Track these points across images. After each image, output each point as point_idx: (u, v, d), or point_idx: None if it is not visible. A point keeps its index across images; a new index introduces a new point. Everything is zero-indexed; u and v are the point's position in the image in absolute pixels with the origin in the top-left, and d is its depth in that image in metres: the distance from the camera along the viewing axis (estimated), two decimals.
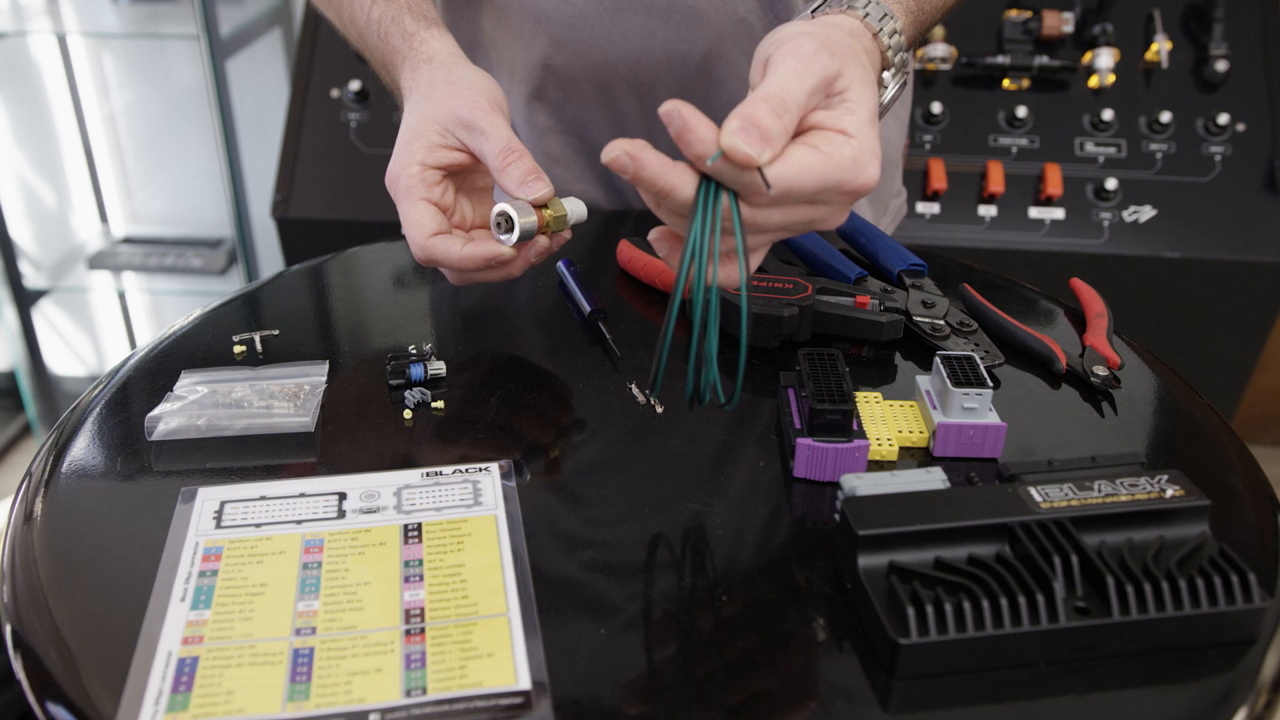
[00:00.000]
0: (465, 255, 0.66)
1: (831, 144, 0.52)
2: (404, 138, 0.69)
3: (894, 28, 0.62)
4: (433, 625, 0.49)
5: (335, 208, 1.57)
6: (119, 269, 2.08)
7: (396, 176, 0.68)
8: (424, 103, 0.70)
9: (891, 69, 0.62)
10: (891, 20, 0.62)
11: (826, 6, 0.63)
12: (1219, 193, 1.50)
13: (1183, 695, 0.46)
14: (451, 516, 0.56)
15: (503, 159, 0.66)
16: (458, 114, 0.67)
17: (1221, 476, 0.60)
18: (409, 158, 0.68)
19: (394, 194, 0.69)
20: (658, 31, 0.85)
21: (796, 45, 0.53)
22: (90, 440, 0.63)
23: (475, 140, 0.67)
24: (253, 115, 2.02)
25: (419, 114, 0.69)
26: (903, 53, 0.63)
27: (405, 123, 0.70)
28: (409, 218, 0.67)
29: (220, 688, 0.45)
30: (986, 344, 0.71)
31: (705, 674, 0.47)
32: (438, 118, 0.68)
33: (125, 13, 1.91)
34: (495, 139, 0.66)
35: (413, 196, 0.67)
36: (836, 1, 0.63)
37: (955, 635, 0.46)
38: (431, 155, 0.68)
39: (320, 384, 0.67)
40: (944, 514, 0.50)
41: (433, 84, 0.70)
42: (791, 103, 0.50)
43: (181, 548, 0.53)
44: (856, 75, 0.54)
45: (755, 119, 0.48)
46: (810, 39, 0.53)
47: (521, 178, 0.65)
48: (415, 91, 0.72)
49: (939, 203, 1.54)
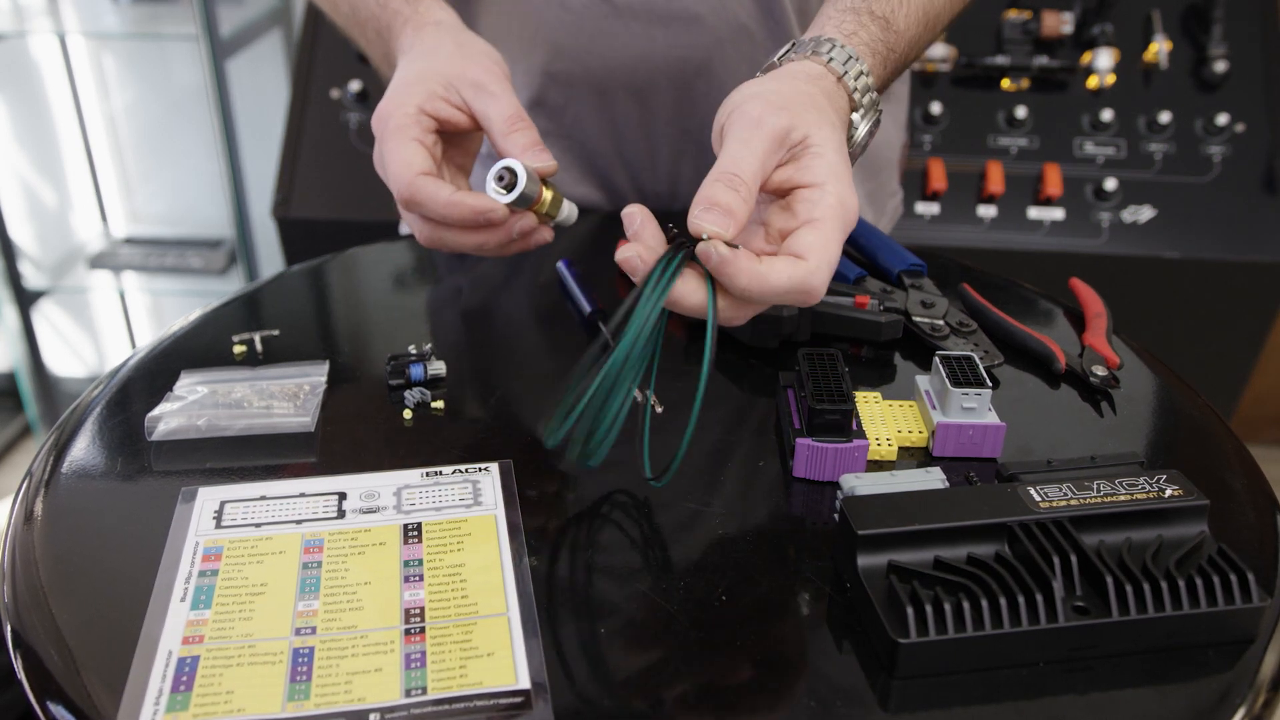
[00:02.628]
0: (452, 201, 0.62)
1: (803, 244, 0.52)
2: (402, 80, 0.65)
3: (860, 69, 0.62)
4: (433, 625, 0.49)
5: (335, 208, 1.57)
6: (119, 269, 2.08)
7: (389, 114, 0.64)
8: (429, 56, 0.67)
9: (860, 109, 0.62)
10: (857, 63, 0.62)
11: (792, 53, 0.63)
12: (1218, 193, 1.50)
13: (1182, 695, 0.46)
14: (451, 516, 0.56)
15: (511, 123, 0.64)
16: (467, 73, 0.65)
17: (1220, 476, 0.60)
18: (406, 98, 0.64)
19: (381, 131, 0.65)
20: (658, 38, 0.85)
21: (744, 112, 0.55)
22: (90, 440, 0.63)
23: (481, 101, 0.65)
24: (253, 115, 2.02)
25: (423, 65, 0.66)
26: (871, 93, 0.63)
27: (404, 71, 0.67)
28: (396, 154, 0.63)
29: (220, 687, 0.45)
30: (986, 344, 0.71)
31: (704, 674, 0.47)
32: (443, 71, 0.65)
33: (125, 13, 1.91)
34: (505, 103, 0.64)
35: (404, 135, 0.64)
36: (801, 48, 0.63)
37: (954, 635, 0.46)
38: (430, 103, 0.65)
39: (320, 384, 0.67)
40: (943, 514, 0.50)
41: (440, 42, 0.68)
42: (746, 173, 0.53)
43: (181, 548, 0.54)
44: (812, 120, 0.55)
45: (714, 199, 0.52)
46: (757, 101, 0.55)
47: (528, 144, 0.63)
48: (418, 47, 0.69)
49: (938, 203, 1.54)
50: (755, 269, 0.51)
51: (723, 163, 0.54)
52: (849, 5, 0.66)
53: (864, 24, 0.65)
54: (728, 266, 0.51)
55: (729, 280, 0.51)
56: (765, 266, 0.52)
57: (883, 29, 0.65)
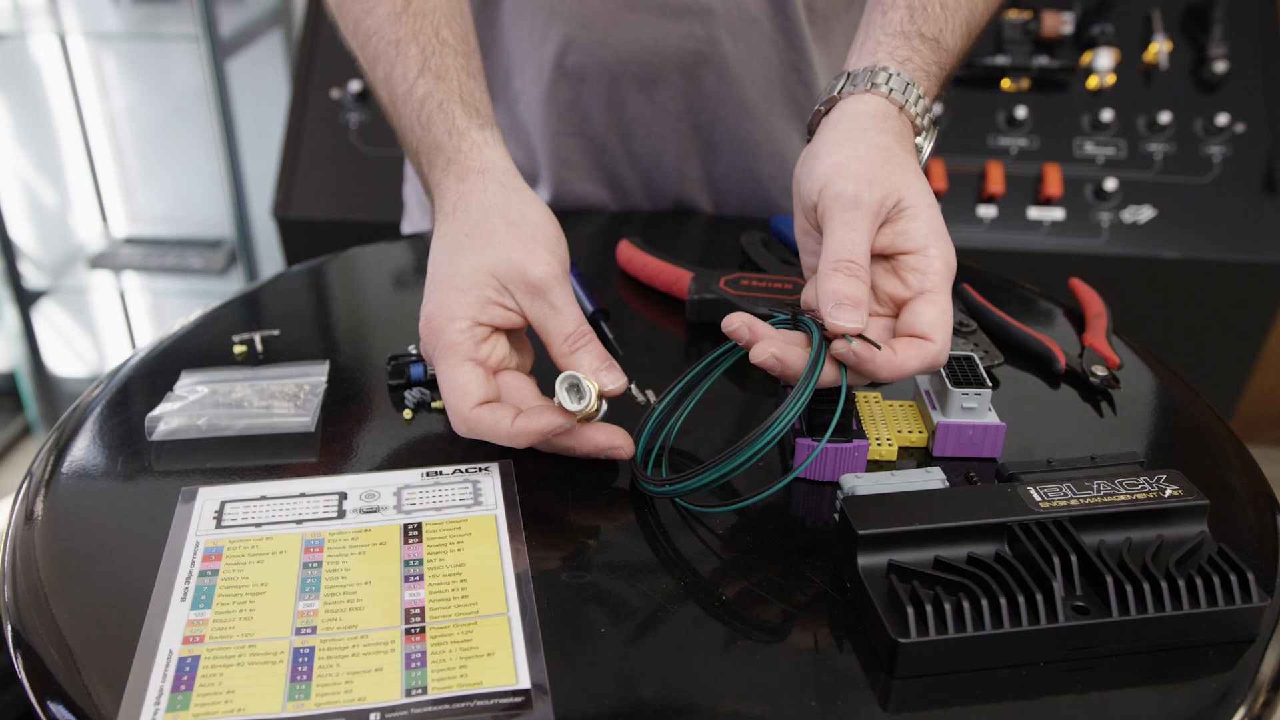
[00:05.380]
0: (517, 431, 0.57)
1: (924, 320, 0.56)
2: (452, 281, 0.60)
3: (918, 94, 0.62)
4: (433, 625, 0.49)
5: (335, 208, 1.57)
6: (119, 269, 2.08)
7: (440, 328, 0.59)
8: (481, 244, 0.60)
9: (923, 133, 0.63)
10: (915, 88, 0.62)
11: (849, 85, 0.63)
12: (1218, 193, 1.50)
13: (1182, 694, 0.46)
14: (451, 516, 0.56)
15: (573, 343, 0.59)
16: (526, 274, 0.59)
17: (1220, 476, 0.60)
18: (459, 309, 0.59)
19: (432, 344, 0.59)
20: (670, 30, 0.86)
21: (838, 193, 0.57)
22: (91, 440, 0.63)
23: (539, 310, 0.59)
24: (253, 115, 2.02)
25: (476, 260, 0.60)
26: (930, 114, 0.63)
27: (455, 263, 0.60)
28: (452, 381, 0.58)
29: (221, 687, 0.45)
30: (986, 344, 0.71)
31: (705, 673, 0.47)
32: (498, 271, 0.59)
33: (126, 13, 1.91)
34: (567, 317, 0.59)
35: (456, 355, 0.58)
36: (858, 80, 0.62)
37: (954, 634, 0.46)
38: (485, 312, 0.59)
39: (320, 384, 0.67)
40: (943, 514, 0.50)
41: (488, 215, 0.61)
42: (861, 258, 0.56)
43: (182, 547, 0.54)
44: (899, 180, 0.58)
45: (842, 294, 0.54)
46: (847, 178, 0.57)
47: (597, 364, 0.59)
48: (463, 213, 0.62)
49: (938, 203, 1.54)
50: (893, 362, 0.55)
51: (835, 250, 0.56)
52: (898, 29, 0.65)
53: (916, 49, 0.64)
54: (865, 365, 0.55)
55: (869, 374, 0.55)
56: (900, 358, 0.55)
57: (934, 50, 0.65)
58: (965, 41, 0.69)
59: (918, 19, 0.65)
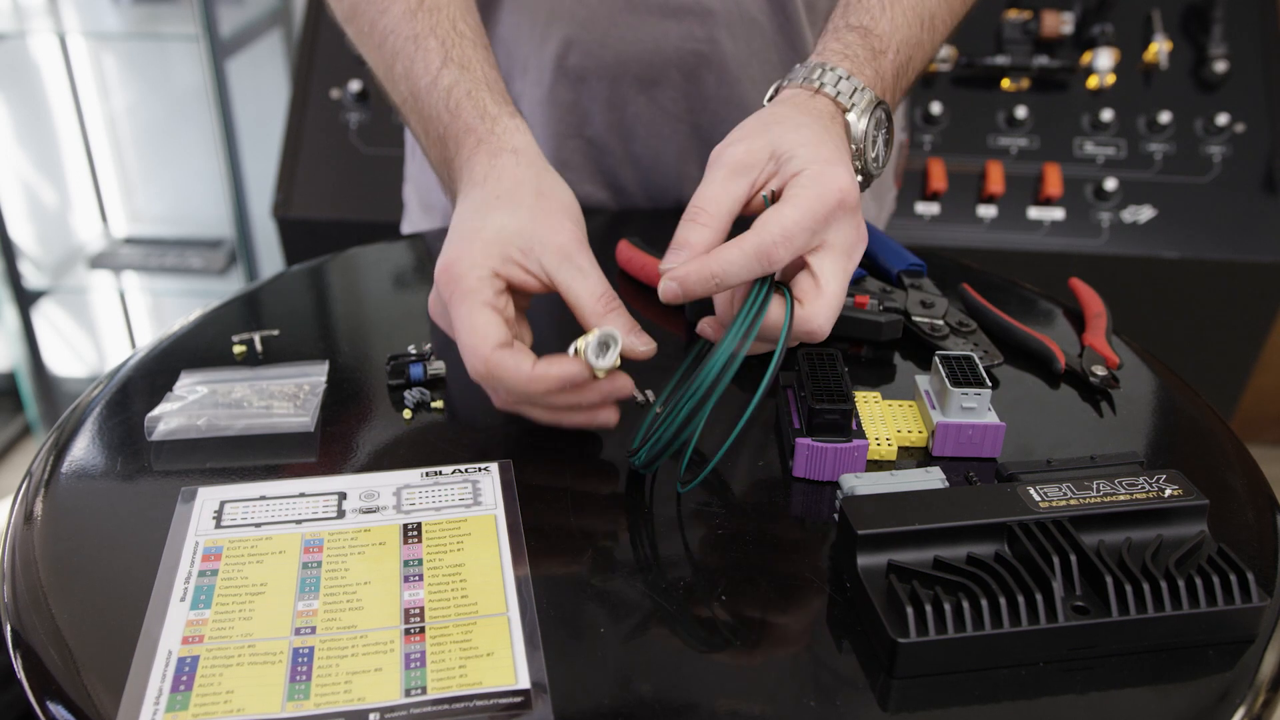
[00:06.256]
0: (537, 375, 0.57)
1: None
2: (475, 233, 0.60)
3: (837, 76, 0.64)
4: (432, 625, 0.49)
5: (335, 208, 1.57)
6: (119, 269, 2.08)
7: (461, 274, 0.59)
8: (507, 209, 0.61)
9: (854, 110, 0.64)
10: (830, 71, 0.64)
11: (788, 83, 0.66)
12: (1218, 193, 1.50)
13: (1181, 694, 0.46)
14: (451, 516, 0.56)
15: (605, 304, 0.59)
16: (552, 240, 0.60)
17: (1220, 476, 0.60)
18: (482, 257, 0.59)
19: (450, 289, 0.59)
20: (670, 30, 0.86)
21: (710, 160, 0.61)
22: (90, 440, 0.63)
23: (567, 274, 0.60)
24: (253, 115, 2.02)
25: (501, 221, 0.61)
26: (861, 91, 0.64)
27: (478, 219, 0.61)
28: (471, 323, 0.58)
29: (220, 687, 0.45)
30: (985, 344, 0.71)
31: (704, 673, 0.47)
32: (525, 232, 0.60)
33: (126, 13, 1.91)
34: (594, 280, 0.60)
35: (476, 299, 0.58)
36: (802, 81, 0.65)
37: (954, 634, 0.46)
38: (506, 268, 0.60)
39: (320, 384, 0.67)
40: (943, 513, 0.50)
41: (520, 185, 0.63)
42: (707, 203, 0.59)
43: (181, 547, 0.54)
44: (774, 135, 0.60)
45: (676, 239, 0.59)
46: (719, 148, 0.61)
47: (629, 328, 0.59)
48: (492, 186, 0.63)
49: (938, 203, 1.54)
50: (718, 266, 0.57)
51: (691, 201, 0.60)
52: (830, 29, 0.69)
53: (841, 38, 0.67)
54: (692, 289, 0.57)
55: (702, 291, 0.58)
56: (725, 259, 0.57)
57: (862, 35, 0.67)
58: (917, 29, 0.70)
59: (850, 14, 0.69)
